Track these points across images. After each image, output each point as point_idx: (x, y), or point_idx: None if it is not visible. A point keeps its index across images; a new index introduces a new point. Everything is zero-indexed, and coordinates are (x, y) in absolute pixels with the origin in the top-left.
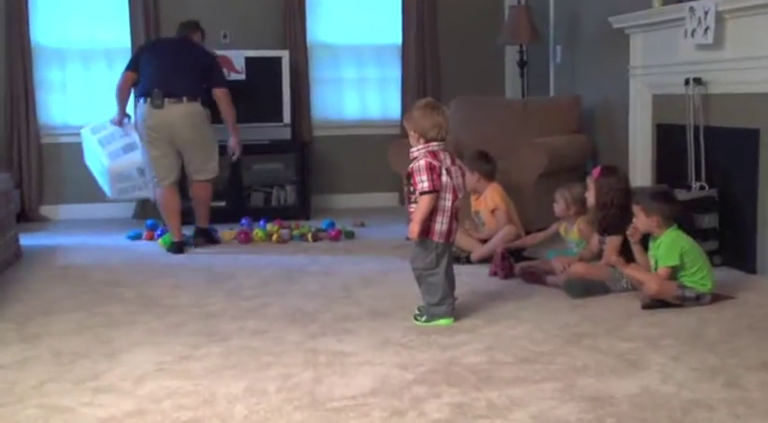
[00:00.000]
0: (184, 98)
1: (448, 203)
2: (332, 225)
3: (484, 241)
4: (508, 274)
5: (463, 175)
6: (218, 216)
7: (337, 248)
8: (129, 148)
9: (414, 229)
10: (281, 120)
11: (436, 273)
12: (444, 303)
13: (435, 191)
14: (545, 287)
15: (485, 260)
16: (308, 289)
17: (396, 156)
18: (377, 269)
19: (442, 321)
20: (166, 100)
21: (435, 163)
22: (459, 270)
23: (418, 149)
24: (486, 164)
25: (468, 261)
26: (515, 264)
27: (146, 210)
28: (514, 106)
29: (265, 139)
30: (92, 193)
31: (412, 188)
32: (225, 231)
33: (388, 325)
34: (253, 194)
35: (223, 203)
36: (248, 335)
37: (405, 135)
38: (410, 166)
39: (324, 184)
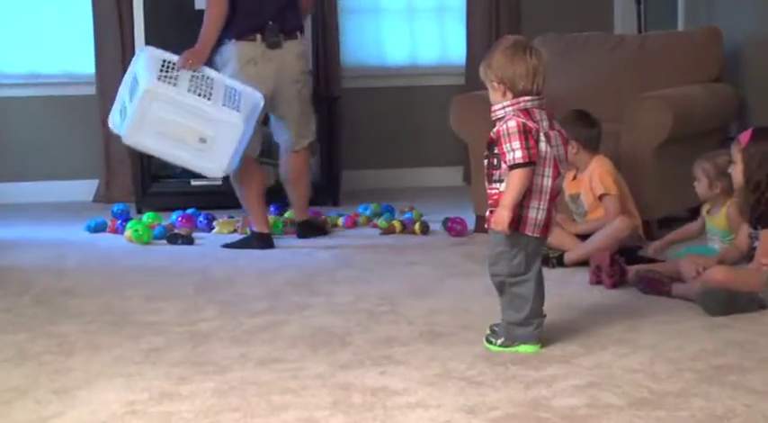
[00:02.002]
0: (297, 33)
1: (548, 182)
2: (390, 212)
3: (582, 237)
4: (618, 281)
5: (565, 144)
6: (212, 199)
7: (376, 245)
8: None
9: (502, 217)
10: None
11: (526, 280)
12: (531, 324)
13: (532, 162)
14: (670, 299)
15: (583, 262)
16: (337, 301)
17: (460, 116)
18: (432, 274)
19: (526, 348)
20: (282, 36)
21: (531, 125)
22: (548, 275)
23: (504, 107)
24: (587, 128)
25: (559, 263)
26: (628, 267)
27: (110, 190)
28: (627, 45)
29: None
30: (37, 165)
31: (496, 161)
32: (223, 220)
33: (448, 351)
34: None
35: (219, 182)
36: (254, 365)
37: (473, 86)
38: (494, 129)
39: (358, 155)
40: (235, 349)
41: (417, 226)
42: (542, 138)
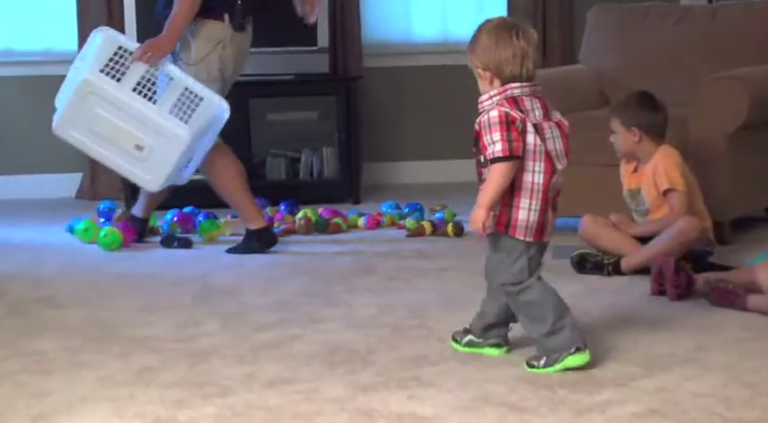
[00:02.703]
0: (251, 17)
1: (539, 178)
2: (418, 211)
3: (642, 240)
4: (684, 292)
5: (564, 136)
6: (214, 196)
7: (402, 250)
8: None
9: (477, 216)
10: (313, 42)
11: (530, 286)
12: (563, 327)
13: (514, 157)
14: (745, 313)
15: (643, 269)
16: (357, 313)
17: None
18: (467, 283)
19: (573, 360)
20: (248, 19)
21: (515, 114)
22: (602, 285)
23: (491, 96)
24: (651, 113)
25: (616, 270)
26: (695, 275)
27: (95, 186)
28: (695, 17)
29: (289, 72)
30: (11, 156)
31: (483, 158)
32: (226, 220)
33: (485, 372)
34: (269, 162)
35: None
36: (261, 387)
37: None
38: (477, 120)
39: (381, 145)
40: (239, 368)
41: (450, 227)
42: (530, 129)
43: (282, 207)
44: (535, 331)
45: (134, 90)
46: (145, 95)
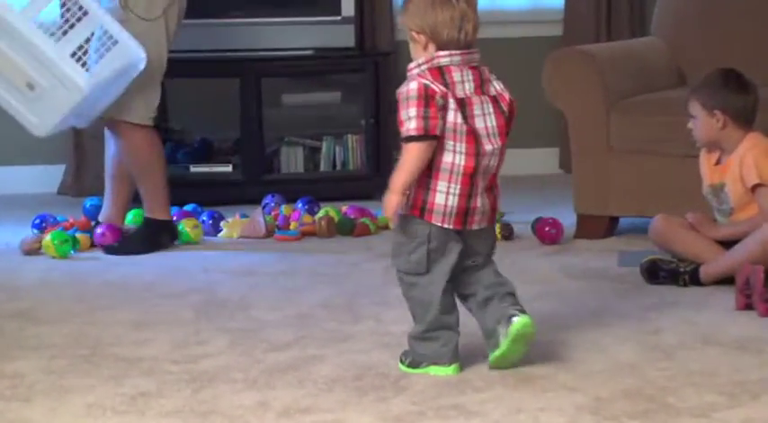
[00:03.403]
0: None
1: (461, 160)
2: None
3: (726, 245)
4: None
5: (499, 114)
6: (220, 192)
7: None
8: (104, 46)
9: (389, 201)
10: (336, 11)
11: (425, 282)
12: (435, 339)
13: (429, 136)
14: None
15: (726, 279)
16: (388, 329)
17: (556, 78)
18: (518, 292)
19: (437, 369)
20: None
21: (435, 87)
22: (678, 297)
23: (419, 64)
24: (738, 95)
25: (693, 280)
26: None
27: (81, 179)
28: None
29: (308, 46)
30: None
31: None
32: (234, 220)
33: (539, 399)
34: (284, 152)
35: (228, 168)
36: (276, 416)
37: (574, 38)
38: (397, 91)
39: None
40: (250, 395)
41: (497, 229)
42: (452, 105)
43: (300, 205)
44: (412, 330)
45: (36, 18)
46: (48, 31)
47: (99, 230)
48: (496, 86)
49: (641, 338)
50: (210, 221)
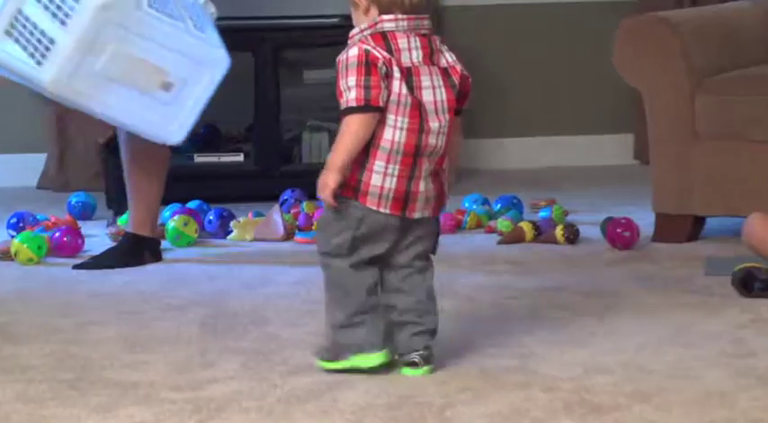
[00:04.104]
0: None
1: (400, 136)
2: (516, 208)
3: None
4: None
5: (448, 87)
6: (229, 186)
7: (492, 260)
8: None
9: (325, 181)
10: None
11: (344, 265)
12: (362, 324)
13: (371, 107)
14: None
15: None
16: (446, 348)
17: (630, 51)
18: (584, 308)
19: (362, 359)
20: None
21: (378, 54)
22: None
23: (362, 30)
24: None
25: None
26: None
27: (65, 171)
28: None
29: (333, 13)
30: None
31: None
32: (246, 220)
33: None
34: (305, 139)
35: (239, 158)
36: None
37: (652, 4)
38: (336, 59)
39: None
40: None
41: (560, 231)
42: (397, 74)
43: (287, 196)
44: (330, 318)
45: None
46: (160, 11)
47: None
48: (448, 58)
49: (732, 362)
50: (218, 221)
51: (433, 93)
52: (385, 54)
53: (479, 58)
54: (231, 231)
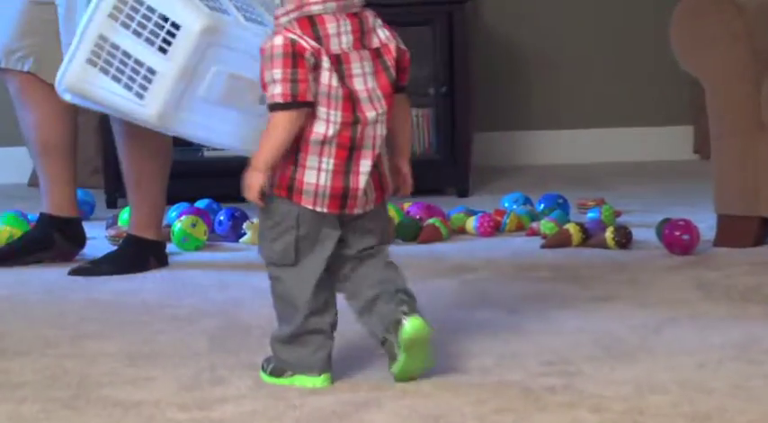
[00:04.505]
0: None
1: (332, 130)
2: (561, 209)
3: None
4: None
5: (380, 72)
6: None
7: (534, 266)
8: None
9: (251, 181)
10: None
11: (292, 276)
12: (306, 344)
13: (298, 103)
14: None
15: None
16: (465, 365)
17: (688, 32)
18: (637, 320)
19: (303, 379)
20: None
21: (306, 44)
22: None
23: (287, 12)
24: None
25: None
26: None
27: None
28: None
29: None
30: None
31: None
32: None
33: None
34: None
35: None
36: None
37: None
38: (260, 46)
39: (503, 104)
40: None
41: (610, 233)
42: (326, 64)
43: None
44: (275, 331)
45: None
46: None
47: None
48: (381, 36)
49: None
50: (230, 222)
51: (364, 80)
52: (313, 43)
53: (521, 43)
54: (244, 234)
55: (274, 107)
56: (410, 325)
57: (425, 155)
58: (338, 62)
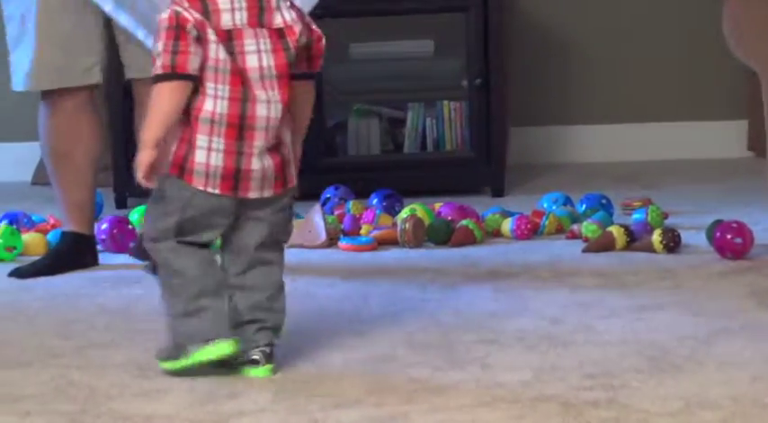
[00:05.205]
0: None
1: (222, 107)
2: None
3: None
4: None
5: (279, 50)
6: None
7: (575, 271)
8: None
9: (139, 158)
10: None
11: (174, 246)
12: (202, 311)
13: (177, 75)
14: None
15: None
16: (500, 379)
17: (741, 18)
18: (688, 329)
19: (207, 352)
20: None
21: (189, 16)
22: None
23: None
24: None
25: None
26: None
27: None
28: None
29: None
30: None
31: None
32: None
33: None
34: (352, 125)
35: None
36: None
37: None
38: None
39: (542, 97)
40: None
41: (657, 236)
42: (212, 36)
43: (375, 201)
44: (167, 308)
45: None
46: None
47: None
48: (286, 17)
49: None
50: None
51: (259, 58)
52: (197, 16)
53: (561, 32)
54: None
55: (156, 79)
56: (257, 371)
57: (458, 152)
58: (228, 38)
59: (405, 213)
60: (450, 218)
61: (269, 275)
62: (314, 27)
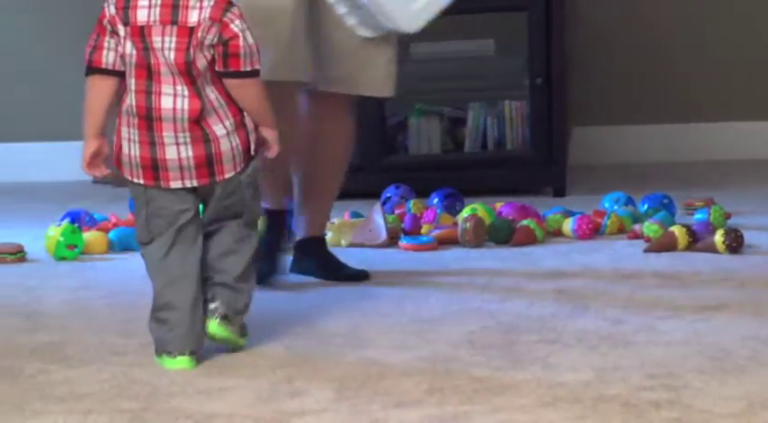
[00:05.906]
0: None
1: (131, 99)
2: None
3: None
4: None
5: (184, 49)
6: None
7: (638, 272)
8: None
9: (83, 150)
10: None
11: (150, 252)
12: (164, 321)
13: (93, 69)
14: None
15: None
16: (562, 380)
17: None
18: (751, 330)
19: (168, 362)
20: None
21: (107, 11)
22: None
23: None
24: None
25: None
26: None
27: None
28: None
29: None
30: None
31: None
32: (341, 221)
33: None
34: (413, 125)
35: None
36: None
37: None
38: None
39: (604, 97)
40: None
41: (720, 237)
42: (123, 32)
43: (436, 200)
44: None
45: None
46: None
47: None
48: (202, 15)
49: None
50: None
51: (164, 54)
52: (112, 10)
53: (622, 30)
54: (324, 234)
55: (86, 72)
56: (209, 326)
57: (519, 151)
58: (141, 33)
59: (466, 213)
60: (511, 217)
61: (224, 236)
62: (231, 26)
